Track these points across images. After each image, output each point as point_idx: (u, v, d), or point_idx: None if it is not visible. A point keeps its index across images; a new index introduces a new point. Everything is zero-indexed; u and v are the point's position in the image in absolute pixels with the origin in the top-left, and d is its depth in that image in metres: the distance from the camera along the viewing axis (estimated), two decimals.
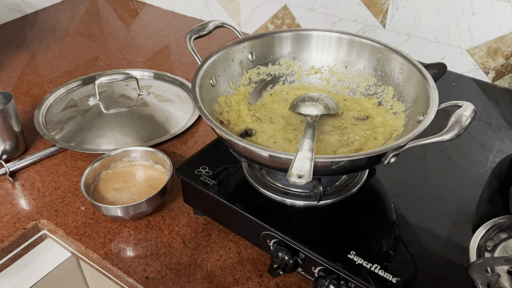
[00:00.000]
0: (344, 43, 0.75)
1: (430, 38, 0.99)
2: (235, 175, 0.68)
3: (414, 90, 0.67)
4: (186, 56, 1.17)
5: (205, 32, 0.72)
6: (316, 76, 0.78)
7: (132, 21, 1.36)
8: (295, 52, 0.77)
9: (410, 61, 0.68)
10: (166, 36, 1.27)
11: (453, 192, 0.67)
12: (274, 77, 0.77)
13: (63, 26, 1.33)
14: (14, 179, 0.81)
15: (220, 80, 0.71)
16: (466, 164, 0.73)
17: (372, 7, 1.03)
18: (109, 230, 0.72)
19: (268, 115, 0.71)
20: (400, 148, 0.53)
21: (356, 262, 0.55)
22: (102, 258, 0.68)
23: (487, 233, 0.57)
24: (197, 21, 1.35)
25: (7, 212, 0.75)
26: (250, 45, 0.74)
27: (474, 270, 0.50)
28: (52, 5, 1.44)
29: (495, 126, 0.82)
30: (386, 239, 0.59)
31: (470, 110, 0.52)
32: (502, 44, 0.92)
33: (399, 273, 0.54)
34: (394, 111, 0.69)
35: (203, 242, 0.70)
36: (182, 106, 0.97)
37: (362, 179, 0.67)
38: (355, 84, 0.76)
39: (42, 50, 1.19)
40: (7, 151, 0.83)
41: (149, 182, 0.76)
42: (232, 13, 1.27)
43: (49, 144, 0.87)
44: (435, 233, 0.60)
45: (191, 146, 0.88)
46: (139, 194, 0.73)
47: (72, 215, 0.74)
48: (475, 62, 0.96)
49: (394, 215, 0.64)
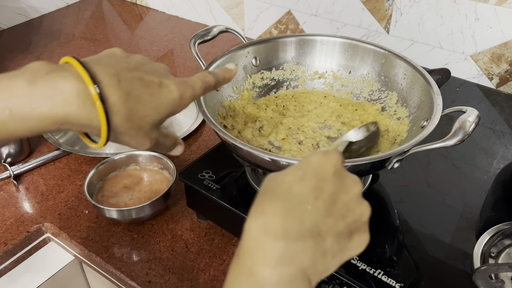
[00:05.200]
0: (347, 49, 0.75)
1: (434, 44, 0.99)
2: (239, 180, 0.68)
3: (418, 95, 0.67)
4: (191, 60, 1.18)
5: (210, 37, 0.72)
6: (319, 81, 0.78)
7: (136, 25, 1.37)
8: (299, 57, 0.77)
9: (414, 67, 0.68)
10: (170, 41, 1.28)
11: (456, 198, 0.67)
12: (278, 82, 0.77)
13: (68, 31, 1.34)
14: (18, 182, 0.81)
15: (224, 85, 0.72)
16: (470, 170, 0.73)
17: (376, 13, 1.03)
18: (112, 234, 0.72)
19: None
20: (404, 153, 0.53)
21: (359, 268, 0.55)
22: (105, 262, 0.68)
23: (491, 239, 0.57)
24: (202, 26, 1.35)
25: (11, 215, 0.75)
26: (254, 50, 0.75)
27: (478, 276, 0.49)
28: (57, 9, 1.45)
29: (499, 132, 0.82)
30: (390, 245, 0.59)
31: (474, 116, 0.52)
32: (506, 50, 0.92)
33: (403, 279, 0.53)
34: (397, 116, 0.69)
35: (206, 247, 0.70)
36: (185, 110, 0.97)
37: (366, 184, 0.67)
38: (359, 89, 0.76)
39: (47, 54, 1.20)
40: (12, 154, 0.84)
41: (153, 186, 0.76)
42: (236, 18, 1.27)
43: (53, 148, 0.87)
44: (438, 239, 0.60)
45: (195, 150, 0.88)
46: (142, 198, 0.73)
47: (76, 218, 0.75)
48: (479, 68, 0.96)
49: (398, 221, 0.64)
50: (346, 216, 0.33)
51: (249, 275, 0.31)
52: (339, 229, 0.33)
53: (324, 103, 0.76)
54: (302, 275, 0.31)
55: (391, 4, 1.00)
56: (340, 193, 0.34)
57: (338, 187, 0.34)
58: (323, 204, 0.33)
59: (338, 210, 0.33)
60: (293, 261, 0.31)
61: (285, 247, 0.31)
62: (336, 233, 0.33)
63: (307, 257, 0.31)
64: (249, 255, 0.31)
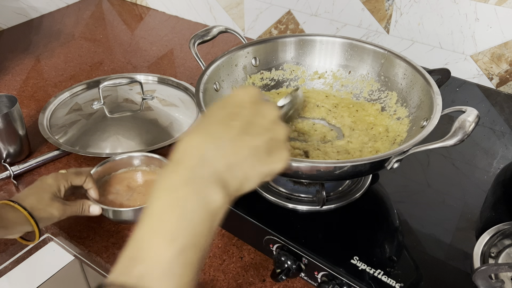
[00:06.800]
0: (347, 49, 0.75)
1: (434, 44, 0.99)
2: None
3: (417, 95, 0.67)
4: (190, 61, 1.18)
5: (209, 37, 0.72)
6: (319, 81, 0.78)
7: (136, 25, 1.37)
8: (298, 57, 0.77)
9: (413, 67, 0.68)
10: (170, 41, 1.28)
11: (456, 198, 0.67)
12: (278, 82, 0.77)
13: (68, 31, 1.34)
14: (18, 182, 0.81)
15: (224, 85, 0.72)
16: (470, 170, 0.73)
17: (376, 13, 1.03)
18: (112, 234, 0.72)
19: None
20: (404, 153, 0.53)
21: (359, 268, 0.55)
22: (105, 262, 0.68)
23: (491, 239, 0.57)
24: (201, 26, 1.35)
25: None
26: (253, 50, 0.75)
27: (478, 276, 0.49)
28: (57, 9, 1.45)
29: (498, 132, 0.82)
30: (389, 245, 0.59)
31: (474, 116, 0.52)
32: (506, 50, 0.91)
33: (402, 279, 0.53)
34: (397, 116, 0.69)
35: None
36: (186, 110, 0.97)
37: (366, 185, 0.67)
38: (359, 89, 0.76)
39: (47, 54, 1.20)
40: (12, 154, 0.84)
41: (150, 188, 0.75)
42: (236, 19, 1.28)
43: (53, 148, 0.87)
44: (438, 239, 0.60)
45: None
46: (140, 199, 0.73)
47: (76, 218, 0.74)
48: (479, 68, 0.96)
49: (397, 221, 0.64)
50: (261, 134, 0.39)
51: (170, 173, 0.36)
52: (256, 143, 0.38)
53: (325, 102, 0.76)
54: (216, 177, 0.36)
55: (391, 4, 1.00)
56: (256, 116, 0.39)
57: (254, 112, 0.39)
58: (239, 125, 0.38)
59: (253, 130, 0.38)
60: (208, 165, 0.36)
61: (202, 154, 0.36)
62: (252, 148, 0.38)
63: (222, 163, 0.36)
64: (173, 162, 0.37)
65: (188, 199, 0.35)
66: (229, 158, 0.37)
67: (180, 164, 0.36)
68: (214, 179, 0.36)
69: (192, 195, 0.35)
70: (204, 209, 0.35)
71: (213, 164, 0.36)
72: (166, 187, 0.36)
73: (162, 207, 0.35)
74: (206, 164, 0.36)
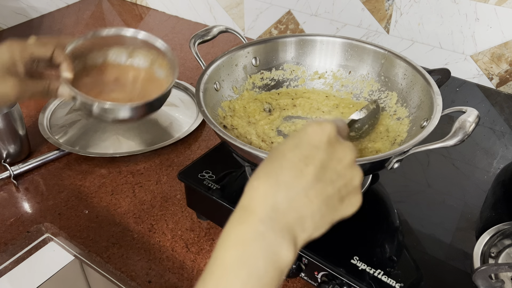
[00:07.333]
0: (347, 49, 0.75)
1: (434, 44, 0.99)
2: (239, 180, 0.68)
3: (417, 95, 0.67)
4: (190, 60, 1.18)
5: (209, 37, 0.72)
6: (319, 81, 0.78)
7: (136, 25, 1.37)
8: (298, 57, 0.77)
9: (413, 67, 0.68)
10: (170, 41, 1.28)
11: (456, 198, 0.67)
12: (278, 82, 0.77)
13: (68, 31, 1.34)
14: (18, 182, 0.82)
15: (224, 85, 0.72)
16: (470, 170, 0.73)
17: (376, 13, 1.03)
18: (112, 234, 0.72)
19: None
20: (404, 153, 0.53)
21: (359, 268, 0.55)
22: (105, 262, 0.68)
23: (491, 239, 0.57)
24: (202, 26, 1.35)
25: (11, 215, 0.75)
26: (254, 50, 0.75)
27: (478, 276, 0.49)
28: (57, 9, 1.45)
29: (499, 132, 0.82)
30: (390, 245, 0.59)
31: (474, 116, 0.52)
32: (506, 50, 0.92)
33: (402, 279, 0.53)
34: (397, 116, 0.69)
35: (206, 247, 0.70)
36: (186, 110, 0.97)
37: (366, 185, 0.67)
38: (359, 89, 0.76)
39: None
40: (12, 155, 0.84)
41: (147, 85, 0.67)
42: (236, 18, 1.28)
43: (53, 148, 0.87)
44: (438, 239, 0.60)
45: (195, 150, 0.88)
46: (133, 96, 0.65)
47: (76, 218, 0.75)
48: (479, 68, 0.96)
49: (398, 221, 0.64)
50: (335, 181, 0.36)
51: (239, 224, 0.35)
52: (328, 193, 0.36)
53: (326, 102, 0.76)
54: (287, 231, 0.34)
55: (391, 4, 1.00)
56: (331, 161, 0.37)
57: (329, 155, 0.37)
58: (313, 171, 0.36)
59: (328, 176, 0.36)
60: (280, 218, 0.34)
61: (273, 205, 0.34)
62: (325, 197, 0.36)
63: (293, 215, 0.35)
64: (243, 209, 0.35)
65: (259, 256, 0.33)
66: (300, 211, 0.35)
67: (249, 214, 0.35)
68: (284, 234, 0.34)
69: (263, 252, 0.34)
70: (274, 267, 0.34)
71: (284, 217, 0.35)
72: (235, 239, 0.34)
73: (230, 261, 0.34)
74: (277, 217, 0.34)
